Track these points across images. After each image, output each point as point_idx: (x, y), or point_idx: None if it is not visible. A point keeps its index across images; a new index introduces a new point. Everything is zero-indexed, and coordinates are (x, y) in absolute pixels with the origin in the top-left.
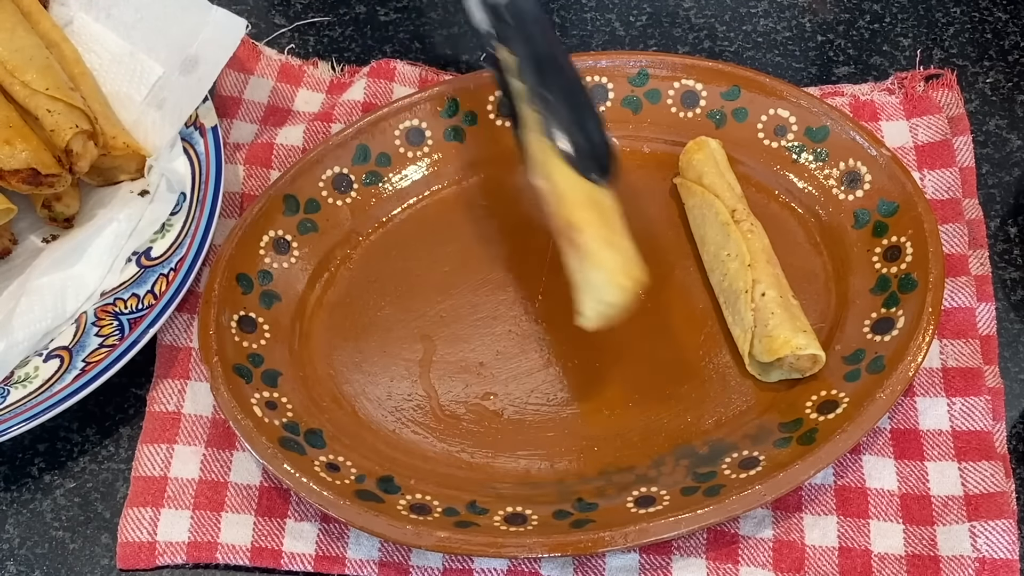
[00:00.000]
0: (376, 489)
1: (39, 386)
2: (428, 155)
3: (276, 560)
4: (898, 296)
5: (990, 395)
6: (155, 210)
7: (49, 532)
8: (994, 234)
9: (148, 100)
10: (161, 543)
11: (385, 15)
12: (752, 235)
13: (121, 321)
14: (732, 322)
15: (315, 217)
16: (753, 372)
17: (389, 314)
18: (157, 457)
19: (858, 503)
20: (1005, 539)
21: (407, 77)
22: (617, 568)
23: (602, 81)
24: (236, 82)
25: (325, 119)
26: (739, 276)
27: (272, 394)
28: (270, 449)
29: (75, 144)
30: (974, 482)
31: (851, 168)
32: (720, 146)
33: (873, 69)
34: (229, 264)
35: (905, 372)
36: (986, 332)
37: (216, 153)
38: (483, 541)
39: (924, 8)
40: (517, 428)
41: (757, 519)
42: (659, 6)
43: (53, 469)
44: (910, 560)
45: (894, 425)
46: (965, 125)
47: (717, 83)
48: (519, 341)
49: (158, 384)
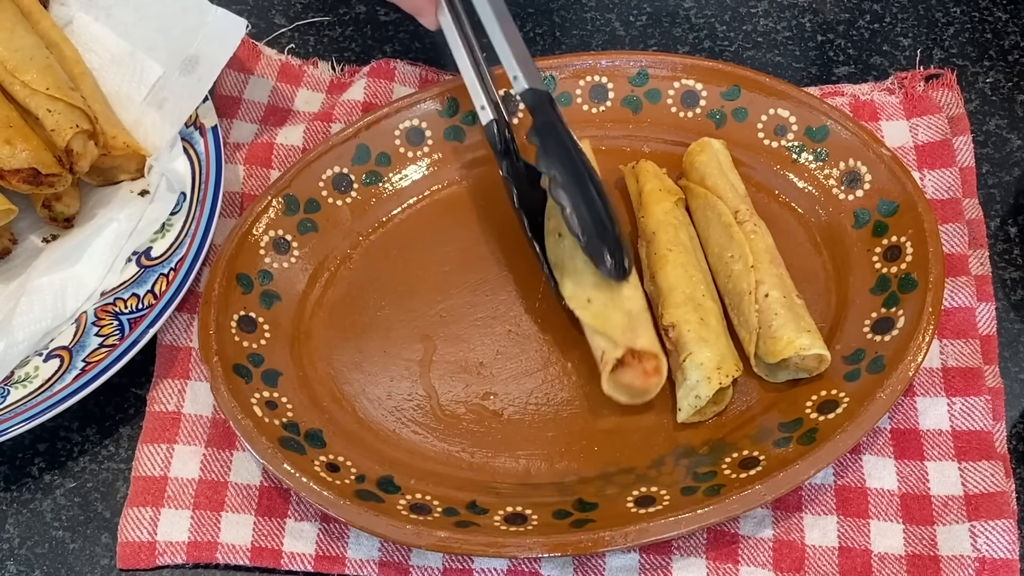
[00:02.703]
0: (376, 489)
1: (39, 386)
2: (428, 155)
3: (276, 560)
4: (898, 296)
5: (990, 395)
6: (155, 210)
7: (49, 532)
8: (994, 234)
9: (148, 100)
10: (161, 543)
11: (385, 15)
12: (755, 235)
13: (121, 321)
14: (738, 324)
15: (315, 217)
16: (760, 373)
17: (389, 314)
18: (157, 457)
19: (858, 503)
20: (1005, 539)
21: (407, 77)
22: (617, 568)
23: (602, 81)
24: (236, 82)
25: (325, 119)
26: (742, 277)
27: (272, 394)
28: (270, 449)
29: (75, 144)
30: (974, 482)
31: (851, 168)
32: (724, 146)
33: (873, 69)
34: (229, 264)
35: (905, 372)
36: (986, 332)
37: (216, 153)
38: (483, 541)
39: (924, 8)
40: (517, 428)
41: (757, 519)
42: (659, 6)
43: (53, 469)
44: (910, 560)
45: (894, 425)
46: (965, 125)
47: (717, 83)
48: (519, 341)
49: (158, 384)
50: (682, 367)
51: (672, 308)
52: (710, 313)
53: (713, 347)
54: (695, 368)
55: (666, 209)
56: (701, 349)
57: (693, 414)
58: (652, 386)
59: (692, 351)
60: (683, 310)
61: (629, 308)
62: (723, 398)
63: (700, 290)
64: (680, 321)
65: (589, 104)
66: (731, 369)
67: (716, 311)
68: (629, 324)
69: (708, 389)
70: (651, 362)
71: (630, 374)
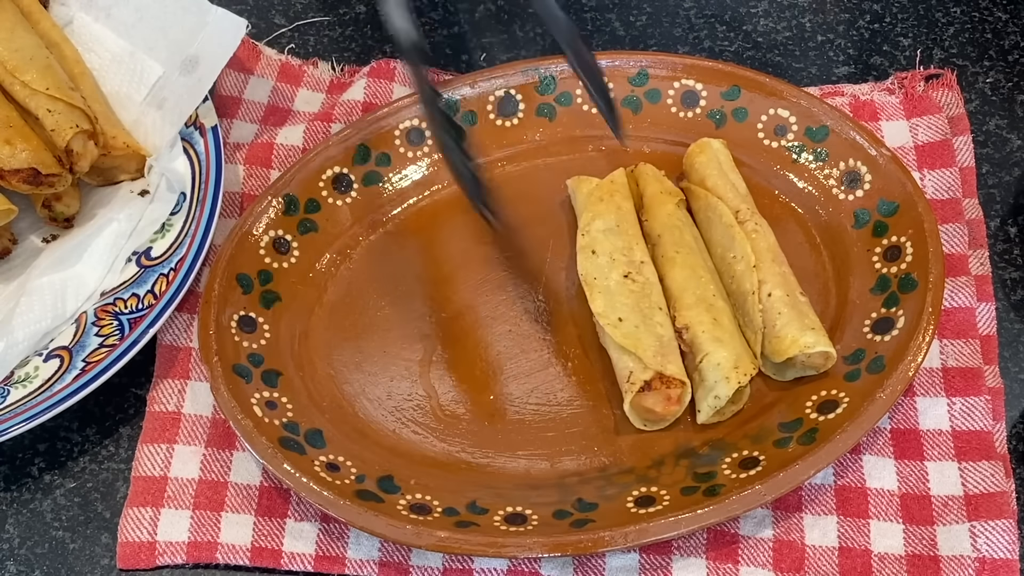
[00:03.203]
0: (376, 489)
1: (39, 386)
2: (428, 155)
3: (276, 560)
4: (898, 296)
5: (990, 395)
6: (155, 210)
7: (49, 532)
8: (994, 234)
9: (148, 100)
10: (161, 543)
11: None
12: (757, 235)
13: (121, 321)
14: (743, 324)
15: (315, 217)
16: (768, 372)
17: (389, 314)
18: (157, 457)
19: (858, 503)
20: (1005, 539)
21: (407, 77)
22: (617, 568)
23: None
24: (236, 82)
25: (325, 119)
26: (745, 278)
27: (272, 394)
28: (270, 449)
29: (75, 144)
30: (974, 482)
31: (851, 168)
32: (724, 145)
33: (873, 69)
34: (229, 264)
35: (905, 372)
36: (986, 332)
37: (216, 153)
38: (483, 541)
39: (924, 8)
40: (517, 428)
41: (757, 519)
42: (659, 6)
43: (53, 469)
44: (910, 560)
45: (894, 425)
46: (965, 125)
47: (717, 83)
48: (519, 341)
49: (158, 384)
50: (699, 368)
51: (684, 310)
52: (722, 313)
53: (728, 347)
54: (712, 369)
55: (669, 211)
56: (717, 349)
57: (713, 415)
58: (671, 414)
59: (708, 352)
60: (695, 311)
61: (661, 333)
62: (741, 397)
63: (710, 290)
64: (694, 322)
65: (589, 104)
66: (748, 368)
67: (727, 310)
68: (660, 348)
69: (728, 389)
70: (677, 389)
71: (653, 399)
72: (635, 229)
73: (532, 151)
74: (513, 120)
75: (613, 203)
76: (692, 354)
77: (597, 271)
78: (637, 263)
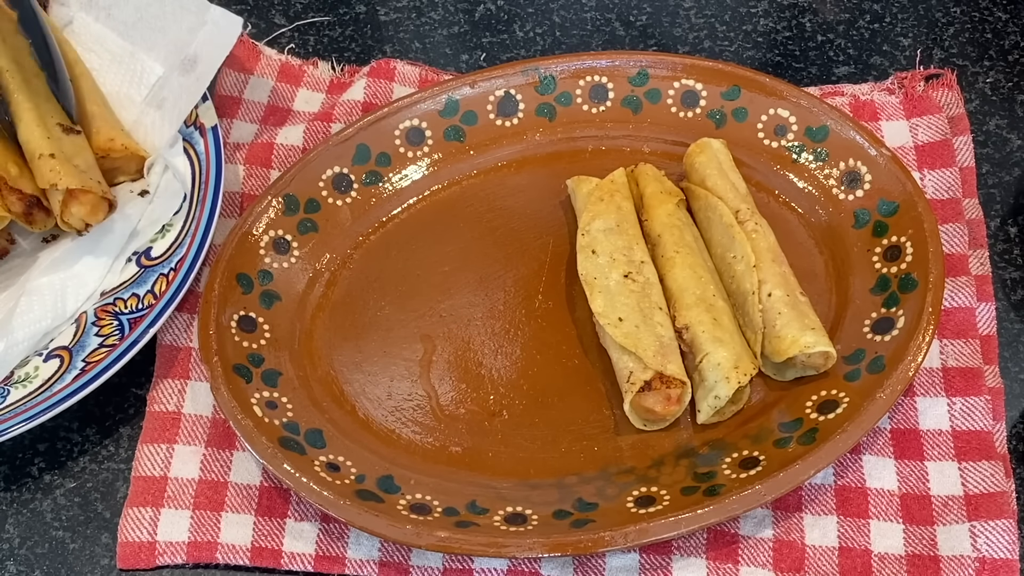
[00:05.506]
0: (376, 489)
1: (39, 386)
2: (428, 155)
3: (276, 560)
4: (898, 296)
5: (990, 395)
6: (155, 210)
7: (49, 532)
8: (994, 234)
9: (148, 100)
10: (161, 543)
11: (385, 15)
12: (757, 235)
13: (121, 321)
14: (744, 324)
15: (315, 217)
16: (768, 372)
17: (389, 314)
18: (157, 457)
19: (858, 503)
20: (1005, 539)
21: (407, 77)
22: (617, 568)
23: (602, 81)
24: (236, 82)
25: (325, 119)
26: (745, 277)
27: (272, 394)
28: (270, 449)
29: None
30: (974, 482)
31: (851, 168)
32: (724, 145)
33: (873, 69)
34: (229, 264)
35: (905, 372)
36: (986, 332)
37: (216, 153)
38: (483, 541)
39: (924, 8)
40: (517, 428)
41: (757, 519)
42: (659, 6)
43: (53, 469)
44: (910, 560)
45: (894, 425)
46: (965, 125)
47: (717, 83)
48: (519, 341)
49: (158, 384)
50: (699, 368)
51: (684, 310)
52: (722, 312)
53: (728, 347)
54: (712, 368)
55: (669, 211)
56: (717, 349)
57: (713, 415)
58: (670, 414)
59: (708, 351)
60: (696, 311)
61: (661, 333)
62: (741, 397)
63: (710, 290)
64: (694, 322)
65: (589, 104)
66: (748, 367)
67: (728, 310)
68: (660, 349)
69: (728, 389)
70: (677, 389)
71: (653, 398)
72: (635, 229)
73: (532, 151)
74: (513, 120)
75: (613, 203)
76: (692, 354)
77: (597, 271)
78: (637, 263)
